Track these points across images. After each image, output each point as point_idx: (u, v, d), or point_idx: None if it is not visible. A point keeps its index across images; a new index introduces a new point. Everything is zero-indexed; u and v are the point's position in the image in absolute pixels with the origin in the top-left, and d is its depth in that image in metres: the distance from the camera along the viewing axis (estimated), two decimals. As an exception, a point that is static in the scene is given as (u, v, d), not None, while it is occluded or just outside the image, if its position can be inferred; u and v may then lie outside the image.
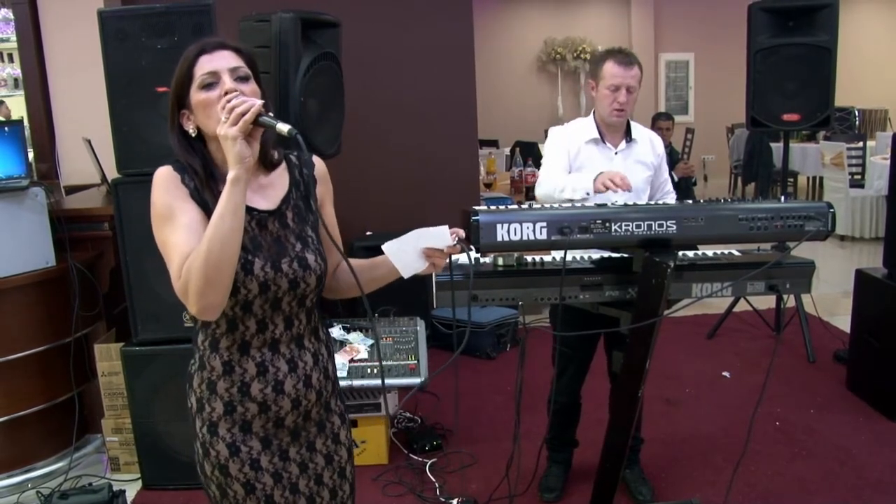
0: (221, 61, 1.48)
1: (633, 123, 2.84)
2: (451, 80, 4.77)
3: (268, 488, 1.56)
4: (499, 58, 11.15)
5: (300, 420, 1.60)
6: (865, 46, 11.59)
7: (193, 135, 1.51)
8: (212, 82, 1.46)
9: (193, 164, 1.50)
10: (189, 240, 1.41)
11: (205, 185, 1.49)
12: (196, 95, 1.47)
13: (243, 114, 1.38)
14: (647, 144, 2.85)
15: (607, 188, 2.41)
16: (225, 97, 1.42)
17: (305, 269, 1.53)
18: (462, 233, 1.58)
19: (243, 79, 1.49)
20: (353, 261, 1.57)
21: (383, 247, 1.54)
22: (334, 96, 3.24)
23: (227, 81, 1.46)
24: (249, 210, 1.48)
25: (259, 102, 1.40)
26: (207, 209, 1.45)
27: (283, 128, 1.39)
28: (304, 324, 1.59)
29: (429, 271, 1.59)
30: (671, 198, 2.90)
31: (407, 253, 1.54)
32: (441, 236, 1.53)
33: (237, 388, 1.52)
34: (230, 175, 1.39)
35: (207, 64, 1.47)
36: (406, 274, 1.57)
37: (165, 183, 1.48)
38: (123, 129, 2.87)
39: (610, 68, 2.67)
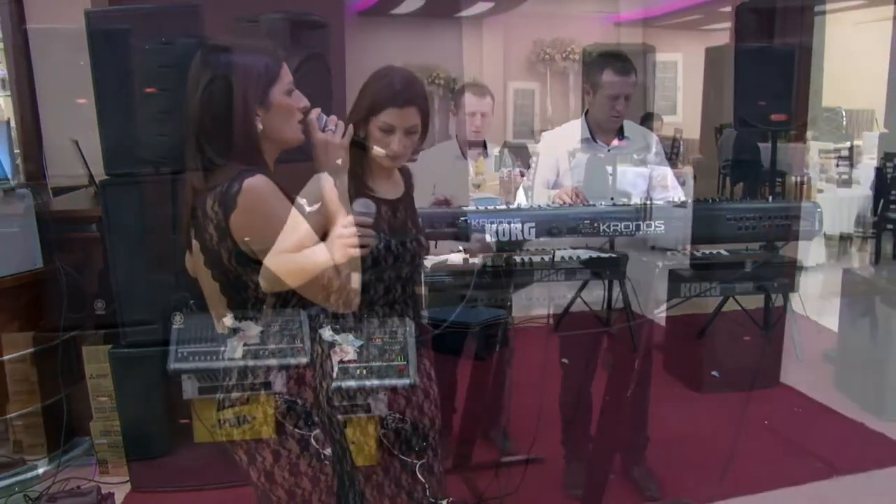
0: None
1: (625, 121, 2.84)
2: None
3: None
4: (488, 59, 11.15)
5: None
6: (852, 47, 11.66)
7: (260, 130, 1.53)
8: (293, 91, 1.57)
9: (262, 164, 1.54)
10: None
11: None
12: (283, 98, 1.54)
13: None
14: (640, 140, 2.85)
15: (563, 202, 2.38)
16: (317, 112, 1.58)
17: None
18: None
19: None
20: None
21: None
22: (323, 98, 3.23)
23: (304, 99, 1.59)
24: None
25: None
26: None
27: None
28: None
29: None
30: (676, 194, 2.77)
31: None
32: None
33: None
34: (334, 181, 1.54)
35: (289, 74, 1.57)
36: None
37: (275, 192, 1.51)
38: (111, 129, 2.85)
39: (609, 78, 2.68)
